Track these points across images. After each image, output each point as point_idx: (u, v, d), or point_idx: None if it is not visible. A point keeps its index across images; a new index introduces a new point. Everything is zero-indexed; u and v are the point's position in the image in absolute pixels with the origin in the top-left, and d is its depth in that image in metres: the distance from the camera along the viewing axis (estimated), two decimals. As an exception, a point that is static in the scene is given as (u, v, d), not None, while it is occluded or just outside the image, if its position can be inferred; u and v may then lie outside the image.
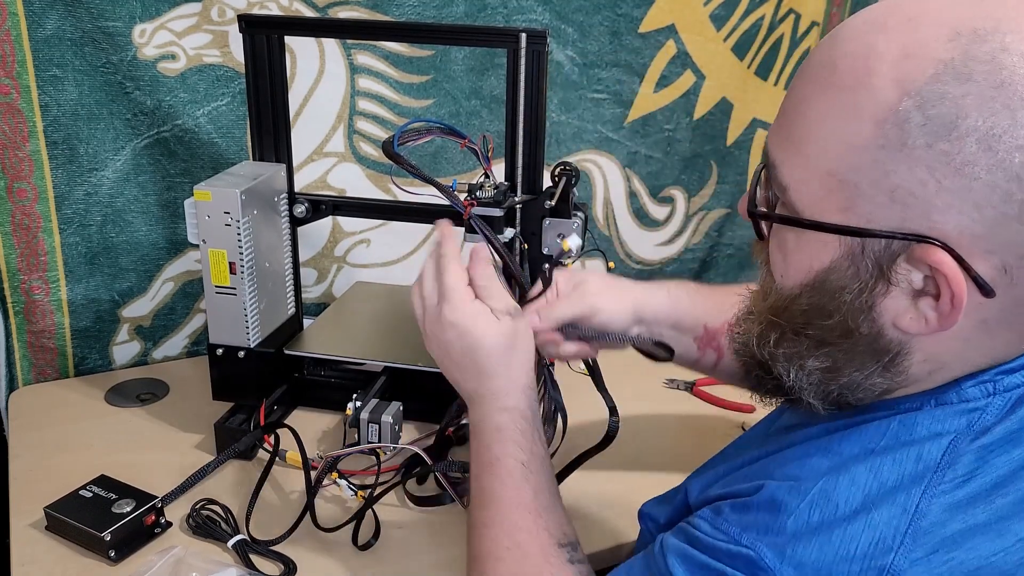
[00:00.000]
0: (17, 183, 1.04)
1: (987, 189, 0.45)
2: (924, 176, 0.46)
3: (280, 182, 1.00)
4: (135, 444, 0.99)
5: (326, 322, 1.13)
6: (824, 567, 0.48)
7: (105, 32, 1.03)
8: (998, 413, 0.51)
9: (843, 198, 0.49)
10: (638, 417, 1.06)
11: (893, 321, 0.50)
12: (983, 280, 0.47)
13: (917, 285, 0.49)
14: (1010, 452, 0.50)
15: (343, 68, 1.18)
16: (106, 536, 0.80)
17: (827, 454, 0.53)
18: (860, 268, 0.50)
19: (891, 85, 0.46)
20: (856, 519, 0.49)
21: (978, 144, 0.45)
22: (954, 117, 0.45)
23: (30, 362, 1.13)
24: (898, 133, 0.46)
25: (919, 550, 0.48)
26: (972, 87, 0.45)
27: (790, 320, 0.54)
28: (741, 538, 0.52)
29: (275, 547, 0.82)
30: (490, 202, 0.86)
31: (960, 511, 0.49)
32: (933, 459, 0.50)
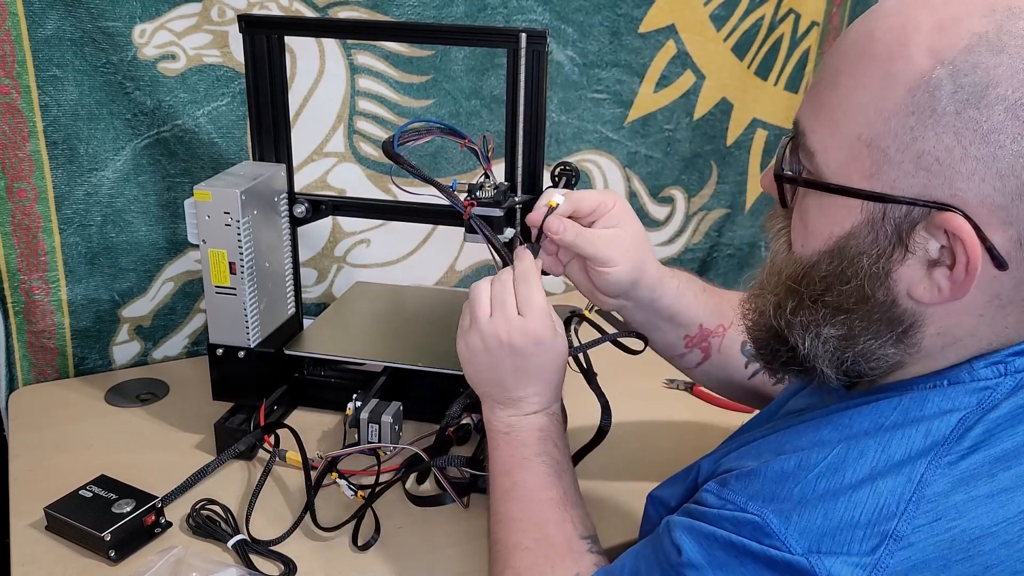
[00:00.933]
0: (17, 183, 1.04)
1: (1012, 158, 0.47)
2: (951, 142, 0.48)
3: (280, 182, 1.00)
4: (135, 444, 0.99)
5: (326, 322, 1.13)
6: (829, 532, 0.49)
7: (105, 32, 1.03)
8: (1008, 392, 0.52)
9: (870, 164, 0.51)
10: (638, 417, 1.06)
11: (908, 290, 0.52)
12: (998, 252, 0.48)
13: (933, 255, 0.51)
14: (1016, 427, 0.51)
15: (343, 68, 1.18)
16: (106, 536, 0.80)
17: (837, 428, 0.54)
18: (879, 234, 0.51)
19: (925, 54, 0.48)
20: (862, 487, 0.50)
21: (1006, 112, 0.46)
22: (985, 86, 0.47)
23: (30, 362, 1.13)
24: (929, 100, 0.48)
25: (922, 517, 0.49)
26: (1004, 58, 0.46)
27: (808, 287, 0.55)
28: (747, 506, 0.52)
29: (275, 547, 0.82)
30: (490, 202, 0.85)
31: (964, 482, 0.50)
32: (942, 434, 0.51)
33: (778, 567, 0.50)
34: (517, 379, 0.75)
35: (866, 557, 0.48)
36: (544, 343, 0.74)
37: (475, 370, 0.77)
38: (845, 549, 0.49)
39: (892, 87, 0.49)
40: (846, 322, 0.54)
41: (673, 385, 1.15)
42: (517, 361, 0.74)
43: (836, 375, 0.57)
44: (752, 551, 0.51)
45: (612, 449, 0.99)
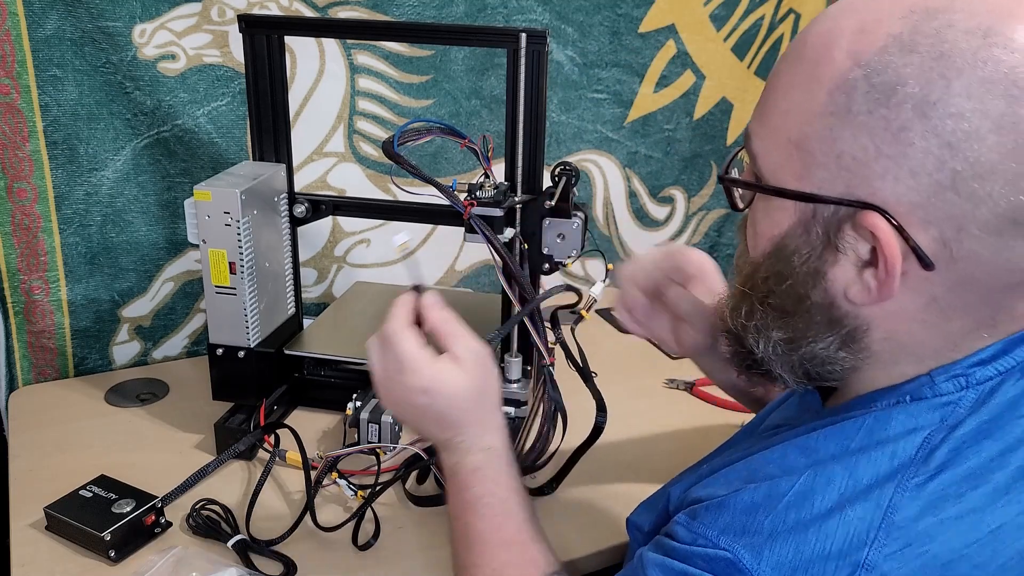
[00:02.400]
0: (17, 183, 1.04)
1: (921, 155, 0.47)
2: (865, 142, 0.49)
3: (280, 182, 1.00)
4: (135, 444, 0.99)
5: (326, 322, 1.13)
6: (801, 565, 0.49)
7: (105, 32, 1.03)
8: (970, 407, 0.52)
9: (799, 165, 0.52)
10: (638, 417, 1.06)
11: (844, 292, 0.52)
12: (922, 251, 0.49)
13: (864, 256, 0.51)
14: (981, 444, 0.51)
15: (343, 68, 1.18)
16: (106, 536, 0.80)
17: (805, 452, 0.54)
18: (811, 235, 0.52)
19: (846, 56, 0.49)
20: (831, 517, 0.50)
21: (914, 110, 0.47)
22: (894, 84, 0.47)
23: (30, 362, 1.13)
24: (845, 100, 0.49)
25: (892, 544, 0.48)
26: (914, 58, 0.47)
27: (755, 290, 0.57)
28: (719, 541, 0.52)
29: (275, 547, 0.82)
30: (490, 202, 0.86)
31: (932, 505, 0.49)
32: (907, 456, 0.51)
33: None
34: (437, 427, 0.72)
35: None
36: (431, 391, 0.70)
37: (406, 420, 0.76)
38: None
39: (816, 89, 0.51)
40: (788, 324, 0.55)
41: (673, 385, 1.15)
42: (422, 412, 0.72)
43: (793, 378, 0.57)
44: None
45: (612, 450, 0.99)
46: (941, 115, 0.46)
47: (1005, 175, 0.46)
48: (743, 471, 0.56)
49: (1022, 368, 0.52)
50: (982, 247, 0.48)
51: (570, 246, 0.90)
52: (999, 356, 0.52)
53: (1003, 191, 0.46)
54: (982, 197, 0.47)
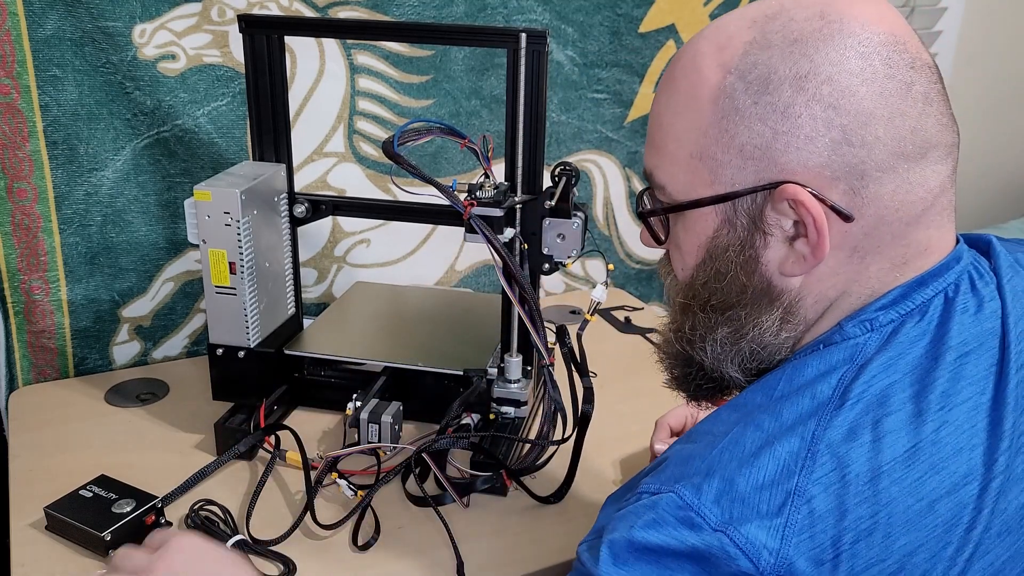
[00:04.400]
0: (17, 183, 1.05)
1: (811, 121, 0.54)
2: (760, 127, 0.56)
3: (280, 182, 1.00)
4: (135, 444, 0.99)
5: (326, 322, 1.13)
6: (738, 498, 0.52)
7: (105, 32, 1.03)
8: (877, 347, 0.56)
9: (707, 173, 0.58)
10: (638, 417, 1.06)
11: (780, 268, 0.58)
12: (839, 206, 0.55)
13: (789, 231, 0.57)
14: (890, 377, 0.55)
15: (343, 68, 1.18)
16: (106, 536, 0.80)
17: (735, 408, 0.58)
18: (737, 227, 0.58)
19: (715, 70, 0.57)
20: (761, 454, 0.53)
21: (792, 87, 0.55)
22: (767, 74, 0.55)
23: (30, 362, 1.13)
24: (730, 103, 0.57)
25: (819, 470, 0.52)
26: (774, 50, 0.56)
27: (696, 299, 0.62)
28: (660, 489, 0.54)
29: (275, 547, 0.82)
30: (490, 202, 0.85)
31: (851, 433, 0.53)
32: (826, 396, 0.55)
33: (698, 555, 0.51)
34: None
35: (776, 519, 0.51)
36: None
37: None
38: (755, 513, 0.51)
39: (699, 105, 0.58)
40: (732, 317, 0.60)
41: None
42: None
43: (744, 376, 0.62)
44: (671, 550, 0.52)
45: (612, 450, 0.99)
46: (815, 84, 0.54)
47: (882, 117, 0.54)
48: (678, 440, 0.60)
49: (920, 309, 0.57)
50: (884, 186, 0.55)
51: (570, 246, 0.90)
52: (899, 300, 0.58)
53: (885, 131, 0.54)
54: (871, 142, 0.54)
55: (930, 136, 0.56)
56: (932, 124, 0.56)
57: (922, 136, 0.55)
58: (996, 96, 1.87)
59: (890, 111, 0.54)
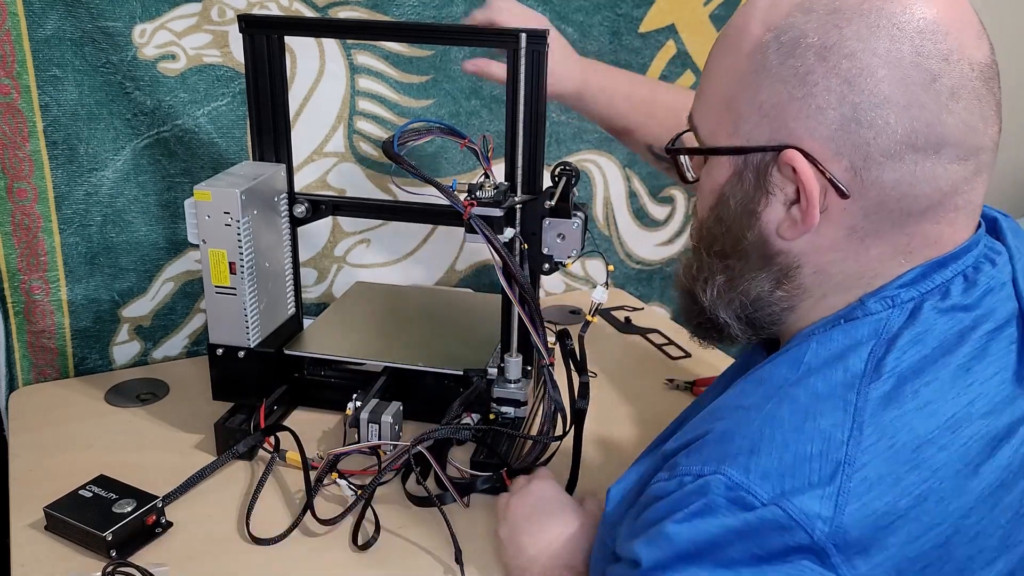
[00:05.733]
0: (17, 183, 1.05)
1: (825, 92, 0.55)
2: (780, 88, 0.57)
3: (280, 182, 1.00)
4: (135, 444, 0.99)
5: (326, 322, 1.13)
6: (787, 471, 0.52)
7: (105, 32, 1.03)
8: (902, 322, 0.57)
9: (730, 123, 0.60)
10: (638, 418, 1.06)
11: (776, 230, 0.60)
12: (837, 181, 0.56)
13: (790, 195, 0.58)
14: (922, 350, 0.56)
15: (343, 68, 1.18)
16: (108, 536, 0.80)
17: (760, 383, 0.59)
18: (745, 181, 0.60)
19: (759, 25, 0.59)
20: (804, 427, 0.53)
21: (815, 56, 0.56)
22: (798, 38, 0.56)
23: (30, 362, 1.13)
24: (761, 59, 0.58)
25: (867, 439, 0.53)
26: (813, 16, 0.56)
27: (703, 241, 0.65)
28: (704, 471, 0.54)
29: (273, 545, 0.82)
30: (490, 202, 0.85)
31: (893, 402, 0.54)
32: (859, 368, 0.56)
33: (752, 531, 0.51)
34: None
35: (828, 487, 0.51)
36: None
37: None
38: (807, 483, 0.51)
39: (738, 56, 0.60)
40: (729, 265, 0.63)
41: (673, 385, 1.15)
42: None
43: (737, 323, 0.64)
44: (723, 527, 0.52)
45: (613, 450, 0.99)
46: (837, 57, 0.55)
47: (898, 104, 0.54)
48: (707, 414, 0.60)
49: (941, 289, 0.58)
50: (887, 172, 0.55)
51: (570, 246, 0.90)
52: (920, 279, 0.58)
53: (898, 118, 0.54)
54: (881, 126, 0.54)
55: (948, 133, 0.55)
56: (954, 122, 0.55)
57: (939, 131, 0.55)
58: (996, 96, 1.87)
59: (907, 99, 0.54)
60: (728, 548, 0.52)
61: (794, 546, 0.50)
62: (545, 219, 0.90)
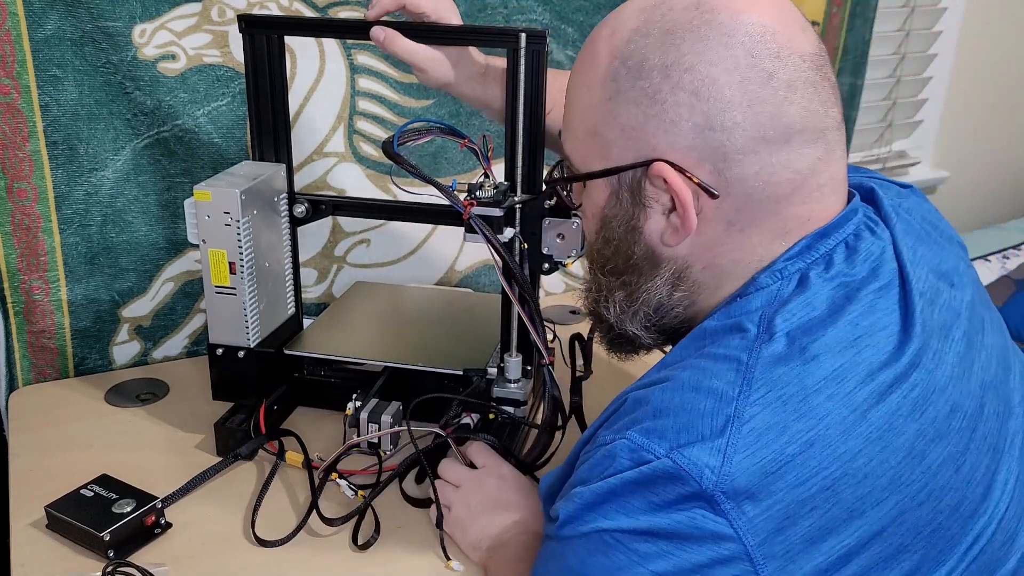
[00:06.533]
0: (17, 183, 1.05)
1: (675, 107, 0.60)
2: (635, 111, 0.61)
3: (280, 182, 1.00)
4: (135, 444, 0.99)
5: (326, 322, 1.13)
6: (682, 427, 0.56)
7: (105, 32, 1.03)
8: (790, 290, 0.61)
9: (599, 148, 0.64)
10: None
11: (660, 238, 0.64)
12: (705, 184, 0.60)
13: (667, 204, 0.63)
14: (810, 310, 0.60)
15: (343, 68, 1.18)
16: (105, 536, 0.80)
17: (663, 365, 0.63)
18: (622, 200, 0.64)
19: (606, 54, 0.63)
20: (700, 387, 0.57)
21: (660, 74, 0.60)
22: (641, 60, 0.61)
23: (30, 362, 1.13)
24: (614, 85, 0.63)
25: (756, 393, 0.56)
26: (651, 39, 0.61)
27: (595, 263, 0.69)
28: (613, 438, 0.58)
29: (278, 547, 0.83)
30: (490, 202, 0.85)
31: (781, 358, 0.57)
32: (752, 332, 0.59)
33: (647, 480, 0.55)
34: None
35: (718, 439, 0.54)
36: None
37: None
38: (698, 437, 0.55)
39: (593, 85, 0.64)
40: (625, 281, 0.66)
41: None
42: None
43: (646, 333, 0.68)
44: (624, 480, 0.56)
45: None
46: (679, 72, 0.59)
47: (742, 104, 0.59)
48: (620, 395, 0.64)
49: (825, 258, 0.62)
50: (746, 167, 0.60)
51: (570, 246, 0.90)
52: (804, 251, 0.62)
53: (744, 117, 0.59)
54: (731, 127, 0.59)
55: (793, 122, 0.59)
56: (796, 111, 0.59)
57: (783, 122, 0.59)
58: (996, 96, 1.87)
59: (749, 98, 0.59)
60: (629, 497, 0.56)
61: (685, 494, 0.54)
62: (545, 219, 0.90)
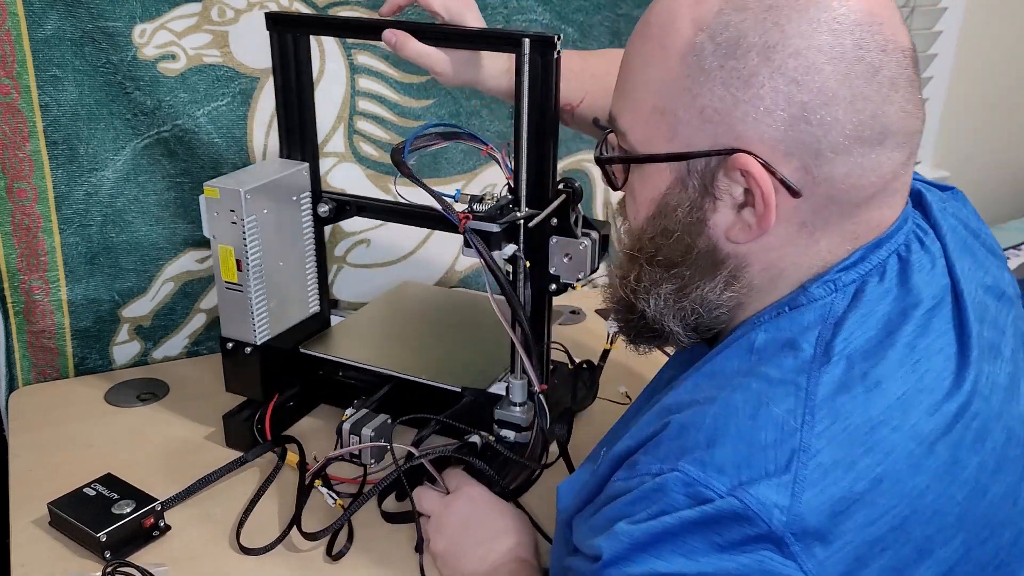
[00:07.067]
0: (17, 183, 1.04)
1: (772, 93, 0.54)
2: (722, 92, 0.55)
3: (303, 180, 0.99)
4: (135, 444, 0.99)
5: (357, 321, 1.11)
6: (743, 462, 0.52)
7: (105, 32, 1.02)
8: (843, 305, 0.58)
9: (667, 129, 0.58)
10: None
11: (725, 233, 0.59)
12: (789, 181, 0.55)
13: (739, 198, 0.57)
14: (867, 331, 0.56)
15: (343, 68, 1.18)
16: (101, 536, 0.80)
17: (711, 376, 0.59)
18: (689, 188, 0.58)
19: (688, 25, 0.56)
20: (758, 415, 0.53)
21: (758, 56, 0.54)
22: (737, 38, 0.55)
23: (30, 362, 1.13)
24: (697, 61, 0.56)
25: (820, 424, 0.52)
26: (748, 13, 0.55)
27: (643, 252, 0.62)
28: (661, 468, 0.53)
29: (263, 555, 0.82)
30: (484, 216, 0.81)
31: (844, 386, 0.54)
32: (808, 353, 0.56)
33: (710, 521, 0.51)
34: None
35: (784, 475, 0.51)
36: None
37: None
38: (763, 472, 0.51)
39: (668, 58, 0.57)
40: (678, 274, 0.61)
41: (672, 387, 1.16)
42: None
43: (684, 331, 0.63)
44: (683, 520, 0.51)
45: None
46: (782, 56, 0.53)
47: (844, 99, 0.54)
48: (660, 410, 0.59)
49: (879, 270, 0.59)
50: (837, 167, 0.55)
51: (577, 267, 0.84)
52: (859, 262, 0.59)
53: (845, 113, 0.54)
54: (830, 122, 0.54)
55: (890, 123, 0.55)
56: (895, 111, 0.55)
57: (882, 122, 0.55)
58: (996, 96, 1.87)
59: (853, 93, 0.54)
60: (688, 537, 0.52)
61: (753, 535, 0.50)
62: (552, 237, 0.84)
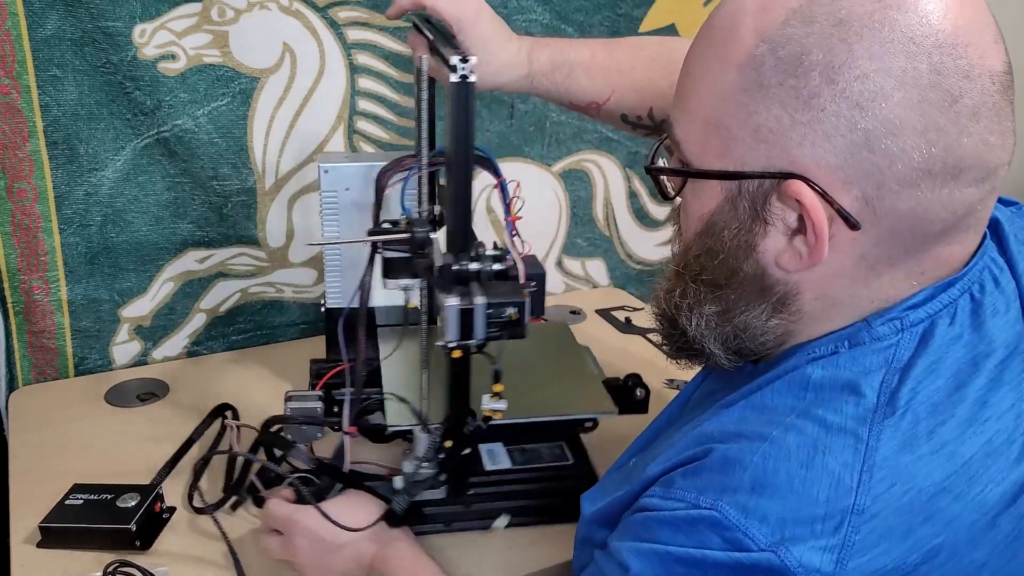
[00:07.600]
0: (17, 183, 1.04)
1: (833, 118, 0.49)
2: (779, 112, 0.50)
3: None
4: (135, 444, 0.99)
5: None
6: (790, 518, 0.48)
7: (105, 32, 1.03)
8: (911, 348, 0.53)
9: (720, 144, 0.53)
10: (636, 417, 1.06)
11: (776, 260, 0.54)
12: (847, 213, 0.50)
13: (792, 224, 0.52)
14: (936, 382, 0.52)
15: (343, 68, 1.18)
16: (132, 527, 0.81)
17: (762, 411, 0.54)
18: (739, 209, 0.54)
19: (751, 34, 0.51)
20: (812, 465, 0.49)
21: (821, 76, 0.49)
22: (799, 54, 0.49)
23: (30, 362, 1.13)
24: (755, 75, 0.51)
25: (879, 485, 0.48)
26: (815, 27, 0.49)
27: (688, 269, 0.58)
28: (699, 501, 0.50)
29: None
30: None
31: (908, 443, 0.50)
32: (871, 400, 0.51)
33: (741, 570, 0.48)
34: None
35: (831, 538, 0.47)
36: None
37: None
38: (809, 532, 0.47)
39: (727, 68, 0.52)
40: (722, 297, 0.56)
41: (673, 386, 1.15)
42: None
43: (724, 354, 0.59)
44: (714, 560, 0.49)
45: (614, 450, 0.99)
46: (847, 78, 0.48)
47: (914, 128, 0.48)
48: (701, 436, 0.55)
49: (949, 311, 0.54)
50: (901, 201, 0.50)
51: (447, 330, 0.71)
52: (928, 300, 0.54)
53: (915, 144, 0.48)
54: (896, 153, 0.48)
55: (966, 156, 0.49)
56: (974, 143, 0.49)
57: (956, 155, 0.49)
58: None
59: (925, 123, 0.48)
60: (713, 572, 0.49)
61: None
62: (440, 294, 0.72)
